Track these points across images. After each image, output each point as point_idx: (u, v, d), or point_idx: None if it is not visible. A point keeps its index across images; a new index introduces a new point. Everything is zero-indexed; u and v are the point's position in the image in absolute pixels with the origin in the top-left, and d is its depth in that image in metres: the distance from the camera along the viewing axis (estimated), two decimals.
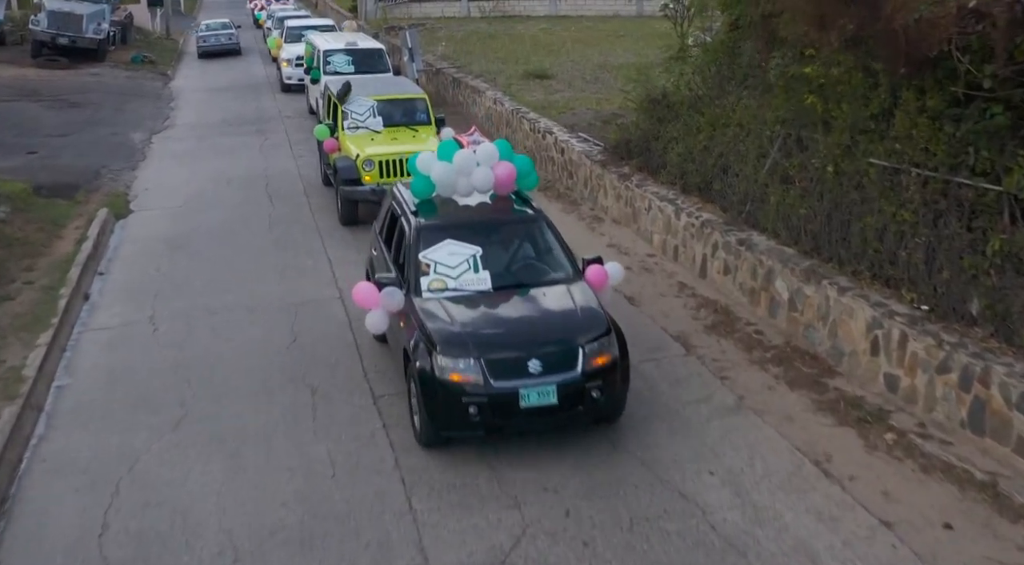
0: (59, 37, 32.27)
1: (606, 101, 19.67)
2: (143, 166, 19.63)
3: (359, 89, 15.99)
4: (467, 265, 8.72)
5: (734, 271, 11.30)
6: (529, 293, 8.69)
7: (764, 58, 12.45)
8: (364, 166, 14.32)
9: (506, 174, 9.59)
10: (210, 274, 12.92)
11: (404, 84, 17.39)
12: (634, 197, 13.76)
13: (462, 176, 9.53)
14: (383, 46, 23.87)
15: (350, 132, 15.38)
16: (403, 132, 15.43)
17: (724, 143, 12.38)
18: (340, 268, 12.93)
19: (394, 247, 9.58)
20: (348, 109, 15.52)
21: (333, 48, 22.70)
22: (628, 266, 12.62)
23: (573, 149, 15.92)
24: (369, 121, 15.41)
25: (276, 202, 16.50)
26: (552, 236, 9.35)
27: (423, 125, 15.74)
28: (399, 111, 15.83)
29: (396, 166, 14.27)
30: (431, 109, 16.09)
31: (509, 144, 10.02)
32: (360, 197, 14.40)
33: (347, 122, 15.48)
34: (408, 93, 16.39)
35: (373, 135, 15.27)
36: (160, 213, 16.14)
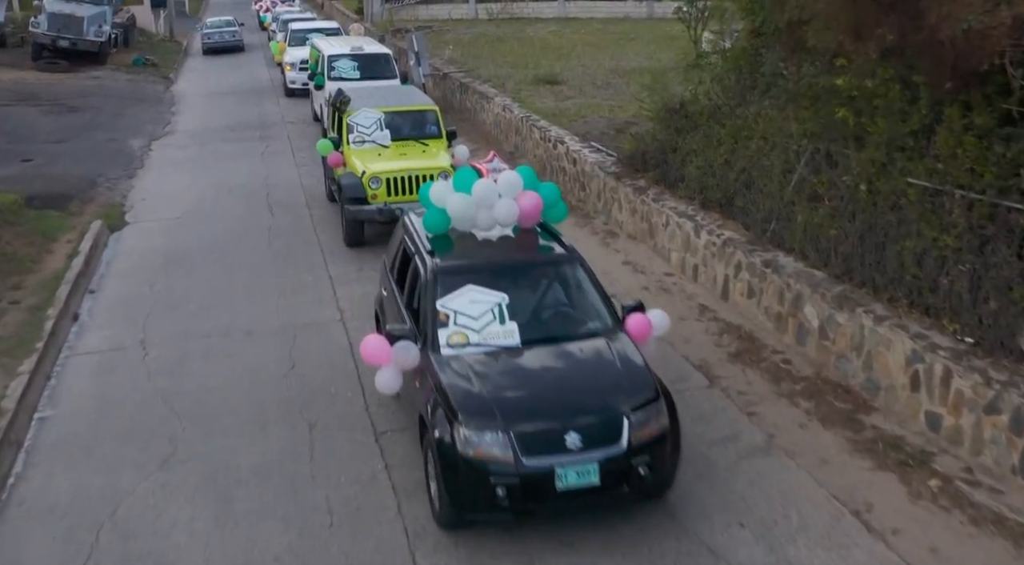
0: (59, 39, 31.70)
1: (619, 108, 19.03)
2: (141, 174, 19.05)
3: (365, 100, 15.04)
4: (492, 315, 7.53)
5: (759, 294, 10.65)
6: (563, 349, 7.51)
7: (789, 67, 11.82)
8: (370, 184, 13.38)
9: (531, 206, 8.51)
10: (206, 292, 12.32)
11: (413, 94, 16.21)
12: (650, 212, 13.12)
13: (482, 209, 8.46)
14: (390, 51, 22.98)
15: (355, 146, 14.37)
16: (412, 146, 14.44)
17: (746, 157, 11.73)
18: (341, 286, 12.32)
19: (407, 290, 8.43)
20: (353, 122, 14.49)
21: (338, 53, 21.87)
22: (645, 286, 12.03)
23: (586, 160, 15.29)
24: (376, 134, 14.40)
25: (277, 213, 15.89)
26: (588, 279, 8.21)
27: (434, 139, 14.74)
28: (408, 124, 14.82)
29: (405, 183, 13.40)
30: (442, 121, 15.11)
31: (533, 171, 8.96)
32: (366, 217, 13.45)
33: (352, 136, 14.46)
34: (418, 104, 15.30)
35: (380, 150, 14.26)
36: (156, 225, 15.54)
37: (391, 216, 12.79)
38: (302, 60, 26.19)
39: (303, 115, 24.29)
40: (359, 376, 9.75)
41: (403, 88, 17.50)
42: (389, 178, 13.42)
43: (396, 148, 14.32)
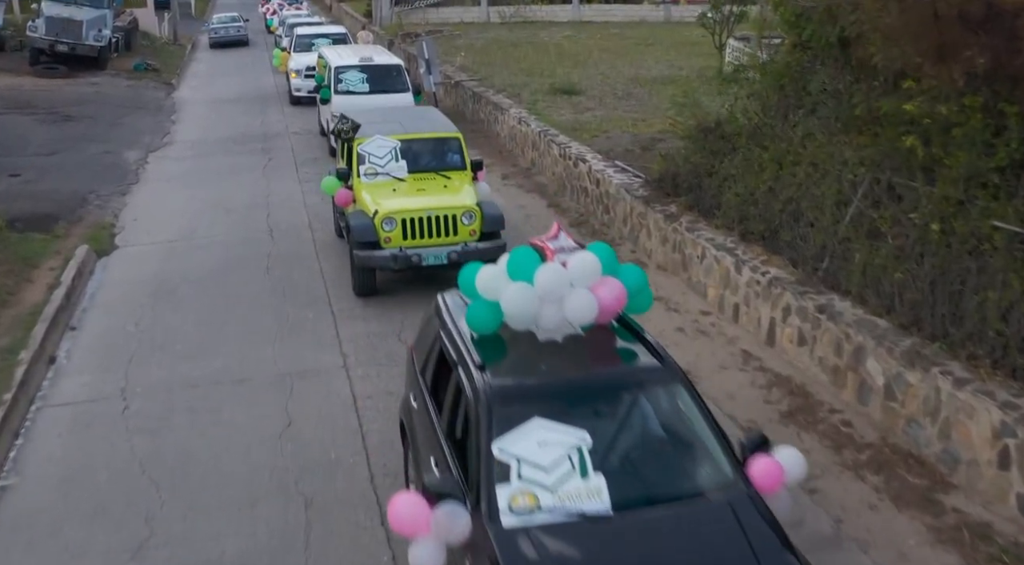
0: (58, 44, 30.66)
1: (643, 122, 17.88)
2: (135, 191, 17.97)
3: (377, 125, 13.11)
4: (570, 465, 5.42)
5: (811, 343, 9.49)
6: (671, 515, 5.36)
7: (841, 87, 10.67)
8: (383, 225, 11.48)
9: (613, 299, 6.37)
10: (196, 331, 11.21)
11: (432, 118, 14.05)
12: (684, 242, 11.96)
13: (549, 304, 6.28)
14: (401, 61, 21.32)
15: (367, 180, 12.38)
16: (432, 180, 12.52)
17: (793, 185, 10.59)
18: (345, 324, 11.21)
19: (447, 411, 6.28)
20: (364, 151, 12.50)
21: (346, 64, 20.13)
22: (680, 327, 10.89)
23: (610, 181, 14.14)
24: (390, 166, 12.48)
25: (277, 236, 14.79)
26: (693, 401, 5.96)
27: (456, 170, 12.75)
28: (427, 153, 12.86)
29: (424, 225, 11.54)
30: (466, 150, 13.12)
31: (611, 249, 6.73)
32: (379, 264, 11.59)
33: (363, 168, 12.47)
34: (438, 131, 13.23)
35: (395, 184, 12.35)
36: (147, 250, 14.45)
37: (407, 263, 11.46)
38: (307, 66, 25.07)
39: (308, 125, 23.18)
40: (363, 438, 8.66)
41: (420, 110, 15.58)
42: (405, 219, 11.55)
43: (413, 182, 12.42)
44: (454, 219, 11.55)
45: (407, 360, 7.84)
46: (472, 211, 11.64)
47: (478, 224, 11.63)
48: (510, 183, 17.11)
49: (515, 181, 17.25)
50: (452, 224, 11.53)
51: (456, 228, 11.54)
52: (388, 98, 18.61)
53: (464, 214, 11.60)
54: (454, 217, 11.57)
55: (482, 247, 11.45)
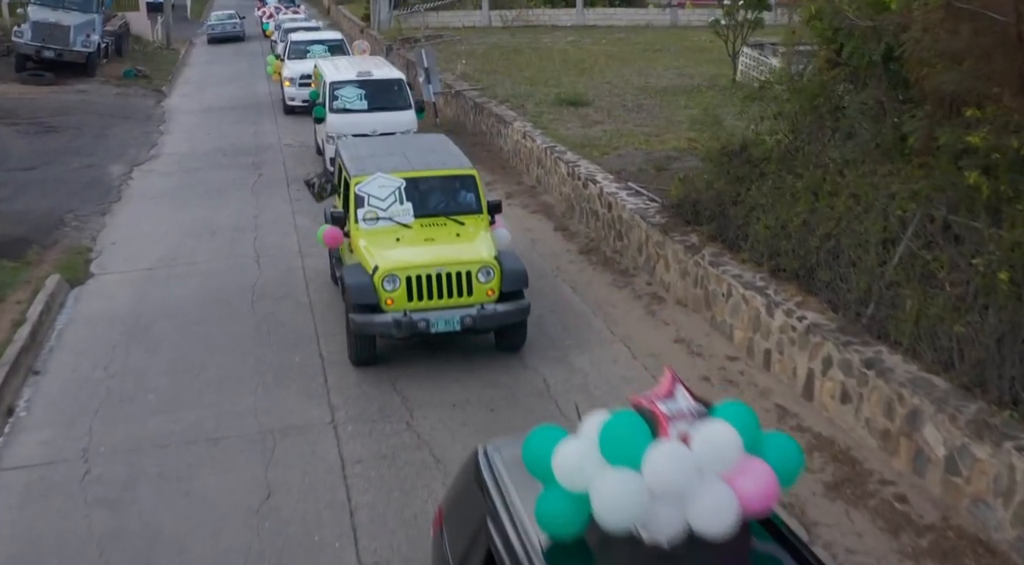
0: (44, 50, 29.61)
1: (655, 138, 16.83)
2: (116, 210, 16.91)
3: (378, 158, 11.36)
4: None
5: (857, 401, 8.44)
6: None
7: (885, 110, 9.62)
8: (384, 284, 9.74)
9: (761, 494, 4.20)
10: (170, 378, 10.16)
11: (442, 150, 12.09)
12: (707, 277, 10.91)
13: (665, 503, 4.12)
14: (403, 75, 19.48)
15: (366, 226, 10.58)
16: (443, 227, 10.65)
17: (832, 218, 9.54)
18: (335, 371, 10.16)
19: None
20: (364, 192, 10.69)
21: (342, 79, 18.38)
22: (705, 375, 9.84)
23: (623, 205, 13.08)
24: (394, 209, 10.66)
25: (264, 263, 13.74)
26: None
27: (471, 214, 10.89)
28: (437, 194, 11.03)
29: (432, 284, 9.80)
30: (482, 190, 11.19)
31: (750, 412, 4.44)
32: (379, 331, 9.82)
33: (362, 212, 10.65)
34: (450, 167, 11.31)
35: (399, 231, 10.53)
36: (124, 279, 13.40)
37: (413, 330, 9.74)
38: (302, 75, 24.00)
39: (301, 137, 22.12)
40: (351, 514, 7.62)
41: (428, 140, 13.33)
42: (411, 276, 9.79)
43: (421, 229, 10.59)
44: (469, 277, 9.85)
45: (434, 541, 5.60)
46: (490, 266, 9.93)
47: (497, 282, 9.94)
48: (514, 203, 16.06)
49: (520, 201, 16.21)
50: (467, 282, 9.84)
51: (471, 287, 9.85)
52: (388, 117, 17.30)
53: (481, 270, 9.89)
54: (469, 274, 9.85)
55: (502, 310, 9.92)
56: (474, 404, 9.31)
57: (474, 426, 8.92)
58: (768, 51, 21.95)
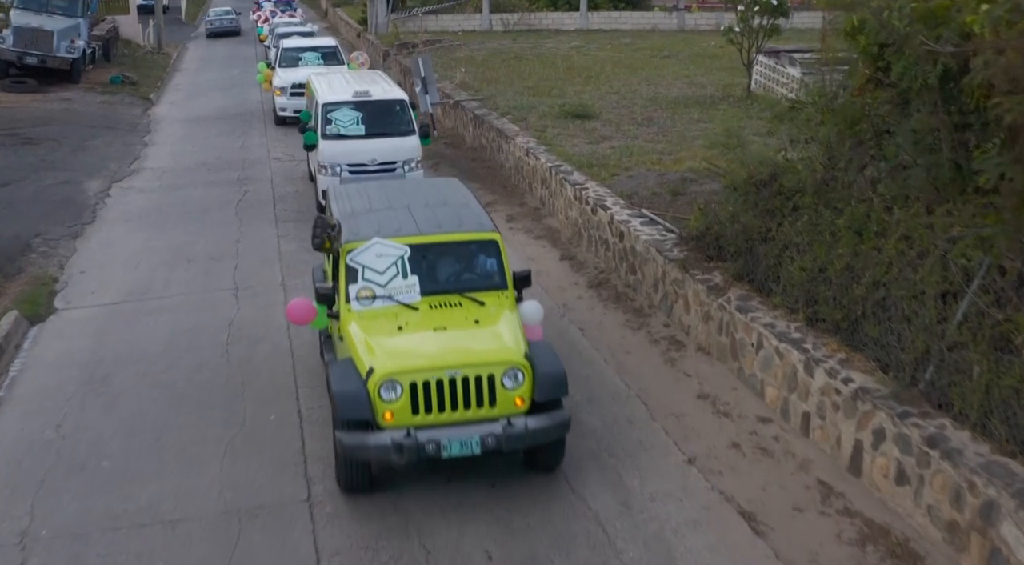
0: (26, 56, 28.40)
1: (669, 157, 15.63)
2: (88, 233, 15.72)
3: (376, 216, 9.10)
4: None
5: (916, 483, 7.25)
6: None
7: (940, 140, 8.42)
8: (382, 392, 7.51)
9: None
10: (126, 442, 8.97)
11: (456, 204, 9.50)
12: (733, 324, 9.72)
13: None
14: (405, 95, 16.73)
15: (359, 306, 8.33)
16: (457, 309, 8.35)
17: (880, 264, 8.36)
18: (315, 433, 8.96)
19: None
20: (357, 263, 8.43)
21: (336, 100, 15.89)
22: (735, 441, 8.68)
23: (637, 235, 11.89)
24: (395, 285, 8.41)
25: (244, 297, 12.56)
26: None
27: (493, 290, 8.61)
28: (451, 264, 8.72)
29: (445, 391, 7.56)
30: (506, 260, 8.82)
31: None
32: (375, 456, 7.56)
33: (354, 288, 8.40)
34: (467, 230, 8.84)
35: (402, 315, 8.25)
36: (88, 315, 12.21)
37: (419, 454, 7.49)
38: (293, 84, 22.79)
39: (291, 150, 20.90)
40: None
41: (438, 187, 10.32)
42: (416, 382, 7.53)
43: (430, 312, 8.30)
44: (492, 382, 7.62)
45: None
46: (519, 367, 7.68)
47: (528, 388, 7.70)
48: (516, 227, 14.88)
49: (522, 225, 15.02)
50: (489, 390, 7.62)
51: (494, 396, 7.63)
52: (389, 144, 15.40)
53: (507, 373, 7.66)
54: (492, 379, 7.62)
55: (535, 427, 7.60)
56: (472, 476, 8.11)
57: (470, 502, 7.74)
58: (785, 60, 20.74)
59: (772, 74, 20.99)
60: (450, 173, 18.25)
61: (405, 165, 15.28)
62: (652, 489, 7.90)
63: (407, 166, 15.28)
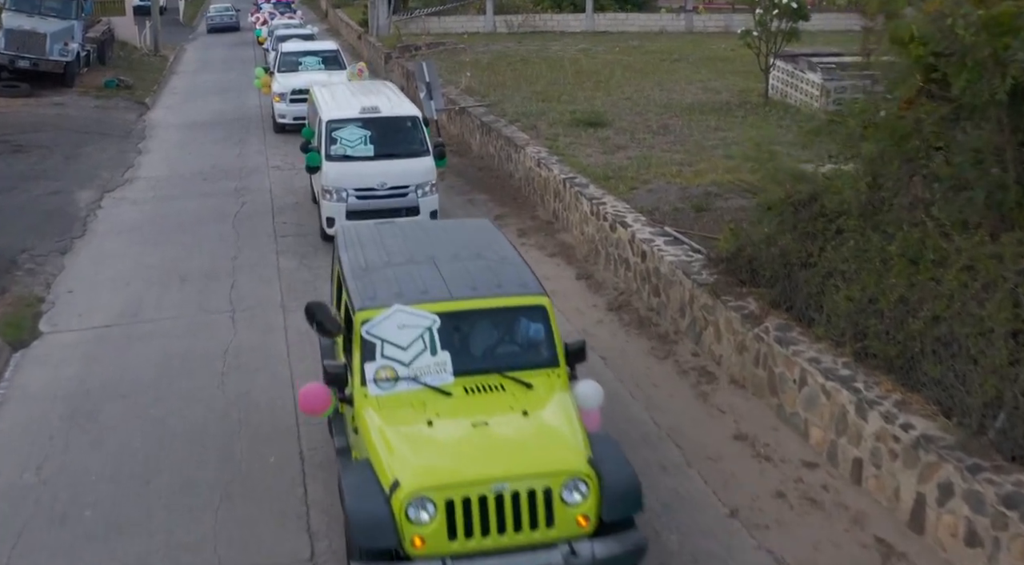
0: (18, 60, 27.61)
1: (689, 168, 14.86)
2: (78, 248, 14.95)
3: (395, 271, 7.54)
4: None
5: (991, 547, 6.49)
6: None
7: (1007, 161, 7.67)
8: (409, 513, 6.05)
9: None
10: (113, 488, 8.22)
11: (493, 256, 7.89)
12: (772, 357, 8.96)
13: None
14: (419, 112, 15.16)
15: (379, 391, 6.80)
16: (499, 393, 6.83)
17: (940, 297, 7.61)
18: (318, 480, 8.21)
19: None
20: (375, 336, 6.87)
21: (342, 117, 14.30)
22: (780, 489, 7.89)
23: (661, 256, 11.14)
24: (422, 364, 6.85)
25: (240, 321, 11.81)
26: None
27: (541, 368, 7.07)
28: (489, 335, 7.17)
29: (490, 509, 6.11)
30: (556, 329, 7.26)
31: None
32: None
33: (372, 368, 6.85)
34: (509, 293, 7.28)
35: (432, 404, 6.73)
36: (75, 340, 11.45)
37: None
38: (293, 90, 21.98)
39: (291, 159, 20.08)
40: None
41: (469, 233, 8.67)
42: (454, 499, 6.07)
43: (466, 399, 6.78)
44: (548, 497, 6.15)
45: None
46: (583, 477, 6.22)
47: (593, 502, 6.22)
48: (528, 242, 14.12)
49: (535, 240, 14.26)
50: (545, 507, 6.15)
51: (551, 514, 6.16)
52: (400, 166, 13.83)
53: (567, 484, 6.19)
54: (548, 492, 6.14)
55: (604, 555, 6.16)
56: None
57: None
58: (803, 64, 19.98)
59: (790, 79, 20.24)
60: (456, 183, 17.50)
61: (418, 189, 13.72)
62: (693, 548, 7.14)
63: (420, 190, 13.73)
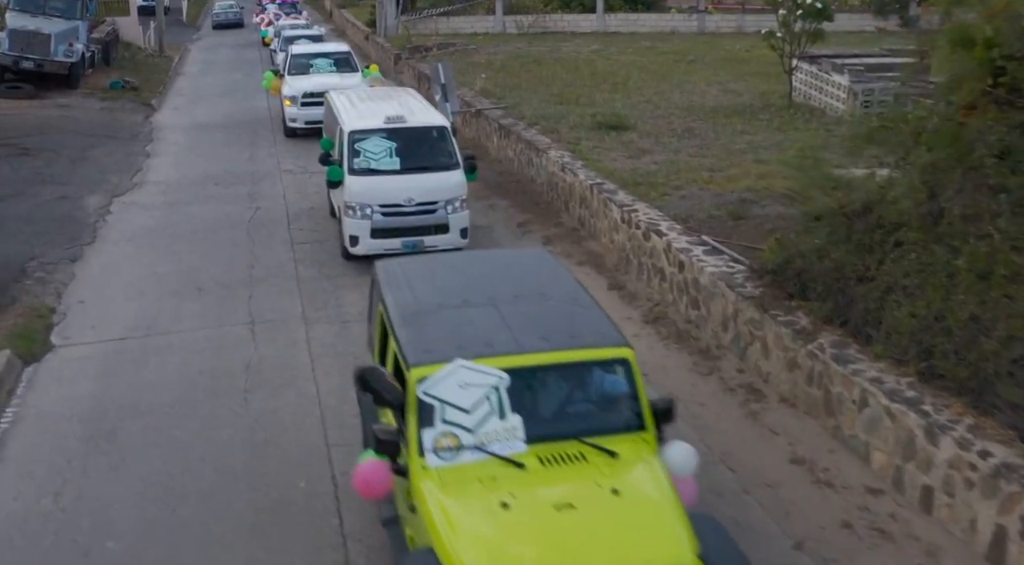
0: (23, 60, 27.10)
1: (720, 174, 14.40)
2: (88, 256, 14.49)
3: (450, 316, 6.56)
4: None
5: None
6: None
7: None
8: None
9: None
10: (137, 515, 7.78)
11: (559, 296, 6.88)
12: (828, 376, 8.51)
13: None
14: (447, 120, 14.35)
15: (440, 463, 5.79)
16: (582, 465, 5.79)
17: (1016, 315, 7.17)
18: (352, 505, 7.75)
19: None
20: (433, 397, 5.86)
21: (365, 127, 13.38)
22: (845, 518, 7.45)
23: (702, 267, 10.69)
24: (489, 431, 5.86)
25: (261, 334, 11.36)
26: None
27: (625, 432, 6.09)
28: (564, 394, 6.20)
29: None
30: (642, 386, 6.22)
31: None
32: None
33: (430, 435, 5.84)
34: (586, 343, 6.25)
35: (503, 480, 5.66)
36: (89, 354, 11.00)
37: None
38: (305, 93, 21.48)
39: (304, 162, 19.67)
40: None
41: (526, 266, 7.69)
42: None
43: (543, 471, 5.73)
44: None
45: None
46: None
47: None
48: (555, 251, 13.61)
49: (561, 248, 13.79)
50: None
51: None
52: (429, 180, 12.92)
53: None
54: None
55: None
56: None
57: None
58: (827, 66, 19.54)
59: (814, 81, 19.79)
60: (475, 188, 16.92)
61: (448, 205, 12.84)
62: None
63: (450, 207, 12.85)
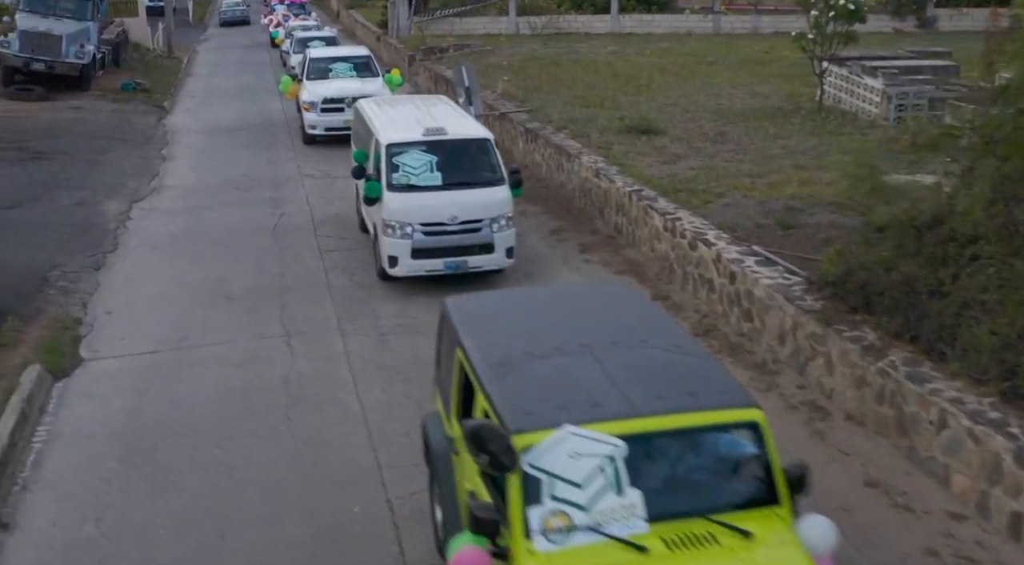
0: (33, 62, 26.71)
1: (762, 180, 14.04)
2: (111, 264, 14.13)
3: (544, 367, 5.76)
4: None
5: None
6: None
7: None
8: None
9: None
10: (183, 543, 7.45)
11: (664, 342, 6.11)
12: (902, 395, 8.16)
13: None
14: (490, 133, 13.53)
15: (551, 547, 4.99)
16: (714, 548, 5.03)
17: None
18: (411, 531, 7.43)
19: None
20: (542, 469, 5.06)
21: (403, 140, 12.58)
22: (929, 547, 7.09)
23: (756, 279, 10.34)
24: (604, 507, 5.06)
25: (297, 346, 11.01)
26: None
27: (757, 507, 5.34)
28: (688, 465, 5.41)
29: None
30: (774, 453, 5.43)
31: None
32: None
33: (537, 514, 5.03)
34: (708, 405, 5.44)
35: (623, 563, 4.95)
36: (120, 368, 10.66)
37: None
38: (325, 98, 21.00)
39: (325, 167, 19.27)
40: None
41: (613, 302, 7.14)
42: None
43: (665, 554, 4.97)
44: None
45: None
46: None
47: None
48: (592, 260, 13.34)
49: (599, 256, 13.45)
50: None
51: None
52: (474, 197, 12.21)
53: None
54: None
55: None
56: None
57: None
58: (857, 68, 19.18)
59: (845, 85, 19.44)
60: None
61: (493, 223, 12.13)
62: None
63: (495, 225, 12.14)
